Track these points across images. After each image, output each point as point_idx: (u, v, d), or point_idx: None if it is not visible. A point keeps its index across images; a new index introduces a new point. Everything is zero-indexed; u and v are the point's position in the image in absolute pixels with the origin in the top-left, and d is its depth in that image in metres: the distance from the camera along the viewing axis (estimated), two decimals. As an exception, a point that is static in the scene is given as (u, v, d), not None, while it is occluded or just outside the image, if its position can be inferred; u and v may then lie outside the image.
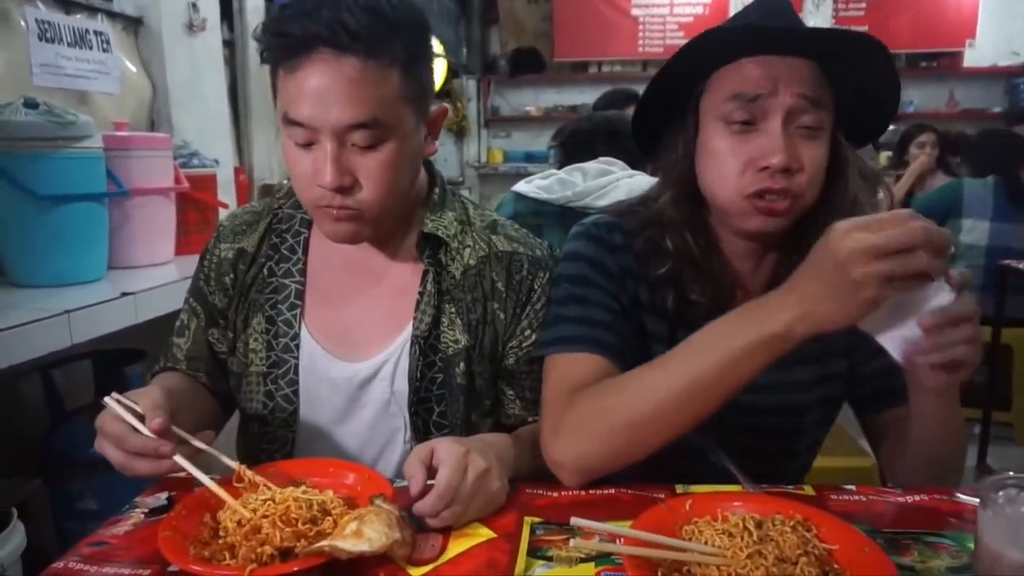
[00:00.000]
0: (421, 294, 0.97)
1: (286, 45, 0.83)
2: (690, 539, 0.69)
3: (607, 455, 0.82)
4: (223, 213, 2.61)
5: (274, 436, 0.99)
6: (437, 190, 1.01)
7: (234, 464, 0.79)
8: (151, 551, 0.72)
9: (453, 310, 0.98)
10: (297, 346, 0.99)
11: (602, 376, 0.87)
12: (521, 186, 1.58)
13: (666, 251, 0.90)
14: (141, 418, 0.77)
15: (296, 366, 0.98)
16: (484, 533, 0.74)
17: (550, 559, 0.70)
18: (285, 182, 3.30)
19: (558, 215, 1.47)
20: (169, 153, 2.11)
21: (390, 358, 0.97)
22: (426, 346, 0.96)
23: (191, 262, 2.11)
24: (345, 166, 0.85)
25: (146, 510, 0.82)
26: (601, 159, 1.56)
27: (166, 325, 1.89)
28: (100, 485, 1.82)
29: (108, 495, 1.83)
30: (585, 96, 6.32)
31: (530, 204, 1.49)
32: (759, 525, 0.69)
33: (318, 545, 0.66)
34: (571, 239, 0.98)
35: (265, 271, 1.01)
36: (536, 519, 0.78)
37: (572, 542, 0.68)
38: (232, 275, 1.02)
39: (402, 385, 0.97)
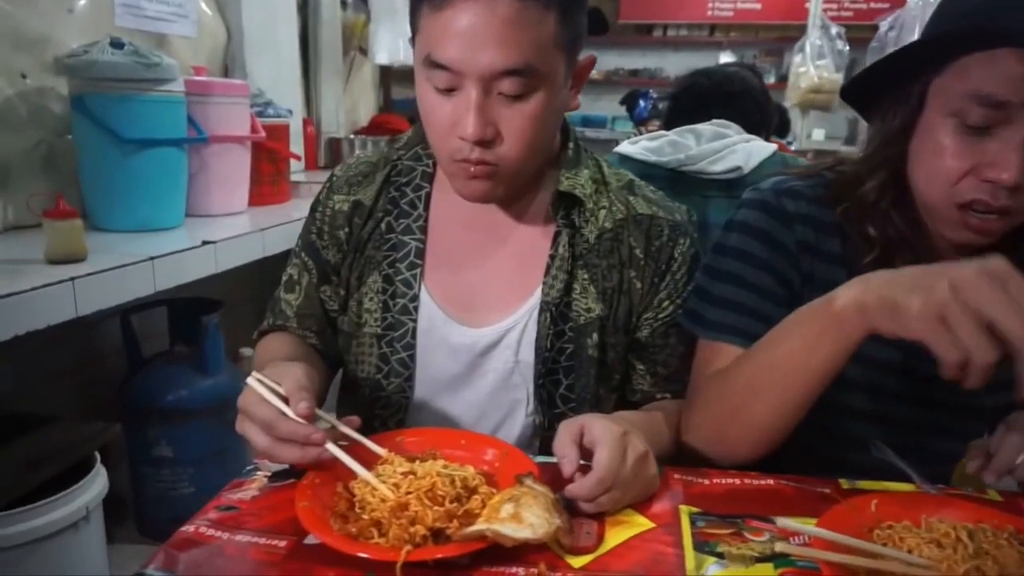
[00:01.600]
0: (552, 257, 0.90)
1: None
2: (885, 545, 0.61)
3: (719, 441, 0.81)
4: (292, 167, 2.58)
5: (388, 402, 0.94)
6: (571, 145, 0.93)
7: (382, 451, 0.74)
8: (283, 520, 0.68)
9: (586, 276, 0.91)
10: (416, 308, 0.92)
11: None
12: (625, 147, 1.49)
13: (870, 239, 0.82)
14: (283, 399, 0.71)
15: (414, 329, 0.92)
16: (641, 522, 0.68)
17: (721, 555, 0.63)
18: (352, 136, 3.24)
19: (668, 179, 1.38)
20: (247, 101, 2.06)
21: (516, 325, 0.91)
22: (556, 314, 0.89)
23: (264, 213, 2.12)
24: (489, 116, 0.78)
25: (268, 473, 0.77)
26: (715, 121, 1.46)
27: (241, 275, 1.88)
28: (175, 433, 1.83)
29: (183, 443, 1.84)
30: (647, 60, 6.13)
31: (636, 167, 1.40)
32: (971, 536, 0.61)
33: (477, 528, 0.60)
34: (746, 205, 0.89)
35: (383, 226, 0.94)
36: (693, 509, 0.71)
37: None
38: (347, 229, 0.95)
39: (528, 354, 0.90)
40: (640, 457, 0.69)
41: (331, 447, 0.69)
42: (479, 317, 0.92)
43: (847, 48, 3.81)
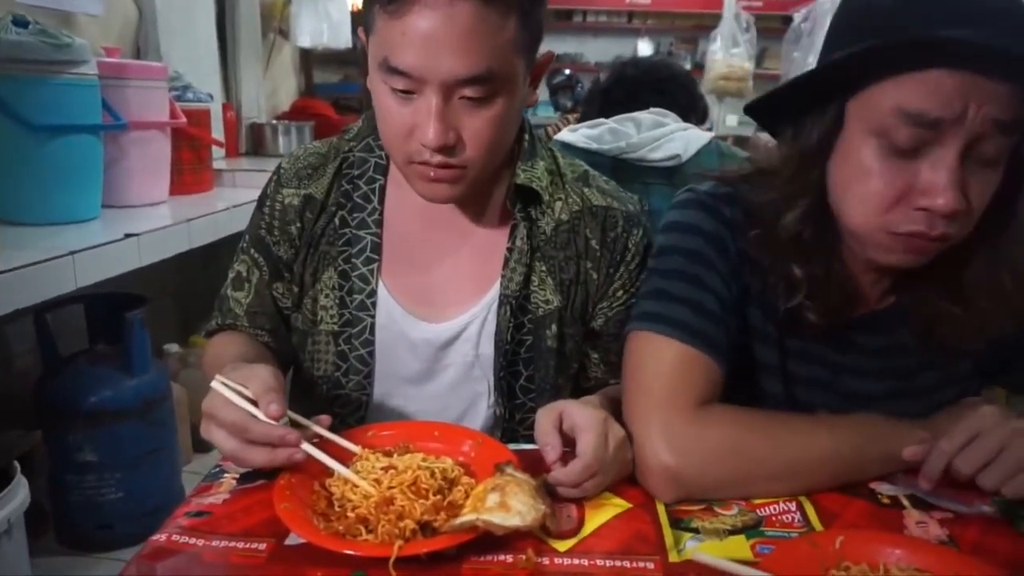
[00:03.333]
0: (510, 250, 0.90)
1: None
2: None
3: (726, 493, 0.72)
4: (213, 155, 2.47)
5: (347, 400, 0.92)
6: (527, 138, 0.93)
7: (356, 448, 0.73)
8: (260, 522, 0.66)
9: (544, 268, 0.91)
10: (374, 304, 0.91)
11: (713, 385, 0.76)
12: (566, 135, 1.51)
13: (793, 280, 0.76)
14: (251, 402, 0.69)
15: (372, 325, 0.91)
16: (619, 503, 0.70)
17: (696, 531, 0.67)
18: (275, 122, 3.12)
19: (610, 167, 1.40)
20: (164, 84, 1.96)
21: (475, 319, 0.91)
22: (516, 307, 0.90)
23: (187, 203, 2.03)
24: (450, 122, 0.76)
25: (236, 475, 0.75)
26: (653, 110, 1.50)
27: (163, 268, 1.80)
28: (100, 436, 1.73)
29: (108, 447, 1.74)
30: (567, 45, 6.18)
31: (578, 155, 1.40)
32: None
33: (467, 519, 0.60)
34: (683, 206, 0.86)
35: (337, 221, 0.92)
36: (665, 490, 0.74)
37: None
38: (299, 224, 0.93)
39: (488, 348, 0.91)
40: (620, 441, 0.71)
41: (307, 446, 0.68)
42: (438, 312, 0.92)
43: (756, 38, 3.98)
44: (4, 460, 1.40)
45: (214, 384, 0.70)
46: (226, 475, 0.75)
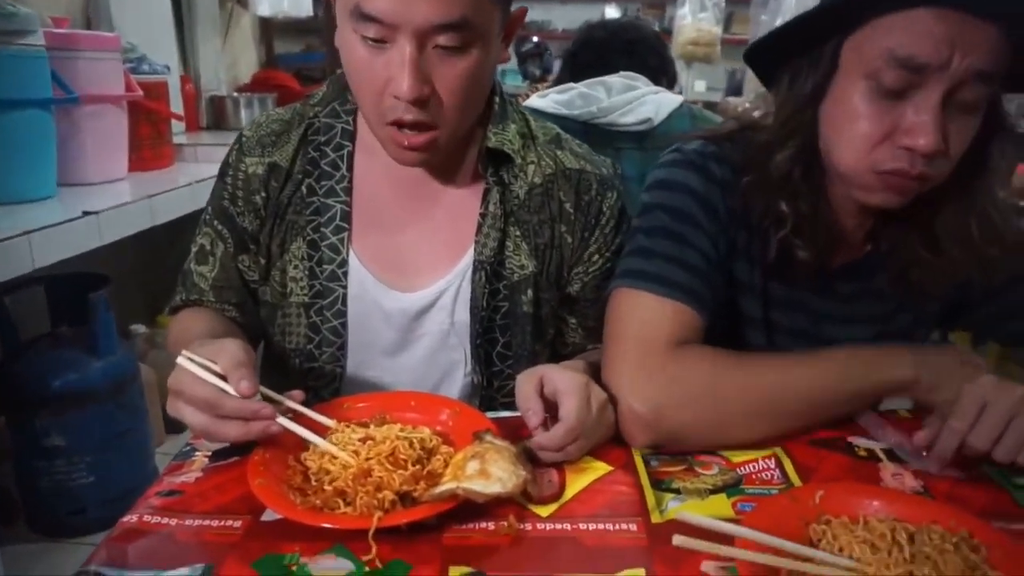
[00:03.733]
0: (483, 215, 0.88)
1: None
2: (819, 541, 0.59)
3: (702, 435, 0.73)
4: (173, 129, 2.39)
5: (320, 372, 0.90)
6: (497, 100, 0.91)
7: (330, 422, 0.71)
8: (234, 499, 0.65)
9: (518, 233, 0.90)
10: (345, 274, 0.88)
11: (692, 334, 0.78)
12: (535, 101, 1.48)
13: (781, 215, 0.79)
14: (220, 377, 0.67)
15: (344, 296, 0.88)
16: (599, 467, 0.70)
17: (677, 491, 0.67)
18: (236, 94, 3.04)
19: (581, 132, 1.38)
20: (118, 55, 1.88)
21: (450, 286, 0.89)
22: (491, 272, 0.88)
23: (147, 179, 1.97)
24: (425, 74, 0.73)
25: (208, 453, 0.73)
26: (623, 73, 1.48)
27: (125, 247, 1.74)
28: (67, 420, 1.69)
29: (77, 431, 1.71)
30: (535, 13, 6.08)
31: (549, 121, 1.39)
32: (912, 538, 0.57)
33: (447, 488, 0.60)
34: (671, 165, 0.87)
35: (304, 189, 0.89)
36: (644, 449, 0.74)
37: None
38: (263, 193, 0.89)
39: (463, 315, 0.89)
40: (602, 404, 0.70)
41: (282, 420, 0.67)
42: (411, 280, 0.90)
43: (724, 2, 3.96)
44: (-34, 448, 1.36)
45: (180, 360, 0.68)
46: (198, 453, 0.73)
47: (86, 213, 1.55)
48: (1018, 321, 0.91)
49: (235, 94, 2.86)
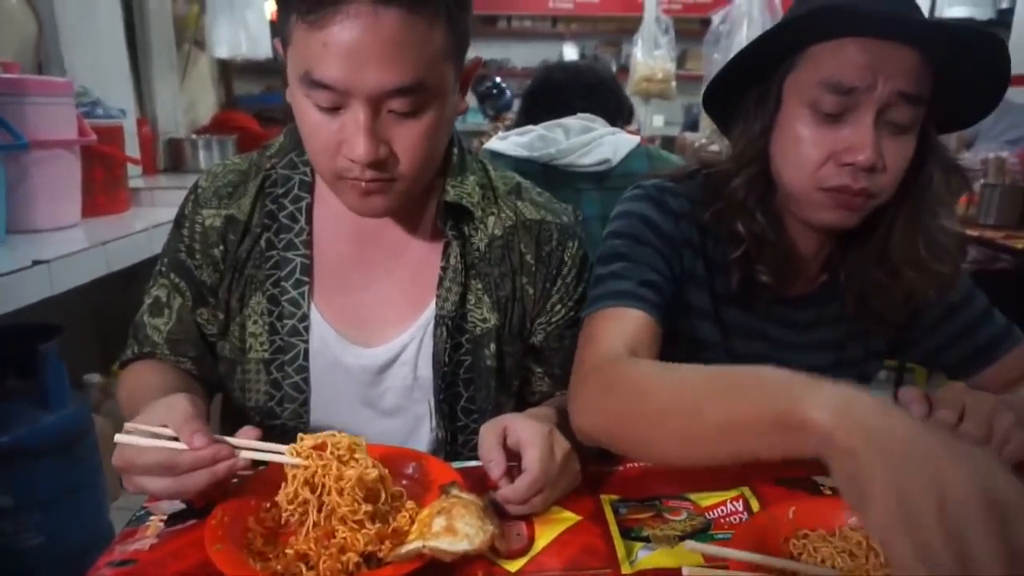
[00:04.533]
0: (444, 269, 0.88)
1: None
2: (800, 555, 0.62)
3: (614, 441, 0.71)
4: (130, 172, 2.36)
5: (282, 429, 0.88)
6: (455, 151, 0.91)
7: (284, 449, 0.68)
8: (191, 566, 0.62)
9: (480, 286, 0.89)
10: (307, 328, 0.86)
11: (646, 334, 0.79)
12: (496, 144, 1.50)
13: (738, 235, 0.85)
14: (171, 439, 0.65)
15: (306, 351, 0.87)
16: (568, 517, 0.69)
17: (647, 539, 0.66)
18: (195, 136, 3.01)
19: (541, 174, 1.40)
20: (71, 100, 1.85)
21: (411, 340, 0.88)
22: (452, 327, 0.87)
23: (101, 224, 1.92)
24: (380, 136, 0.72)
25: (163, 517, 0.70)
26: (581, 115, 1.50)
27: (78, 295, 1.69)
28: (15, 477, 1.61)
29: (25, 488, 1.63)
30: (493, 51, 6.19)
31: (509, 163, 1.41)
32: None
33: (412, 547, 0.58)
34: (628, 200, 0.91)
35: (263, 243, 0.87)
36: (613, 496, 0.74)
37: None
38: (222, 247, 0.87)
39: (426, 370, 0.88)
40: (566, 454, 0.70)
41: (248, 454, 0.65)
42: (373, 335, 0.88)
43: (676, 40, 4.08)
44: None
45: (119, 438, 0.66)
46: (152, 517, 0.70)
47: (36, 262, 1.50)
48: (956, 350, 0.95)
49: (194, 136, 2.83)
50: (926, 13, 0.87)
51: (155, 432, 0.65)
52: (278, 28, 0.75)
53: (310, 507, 0.64)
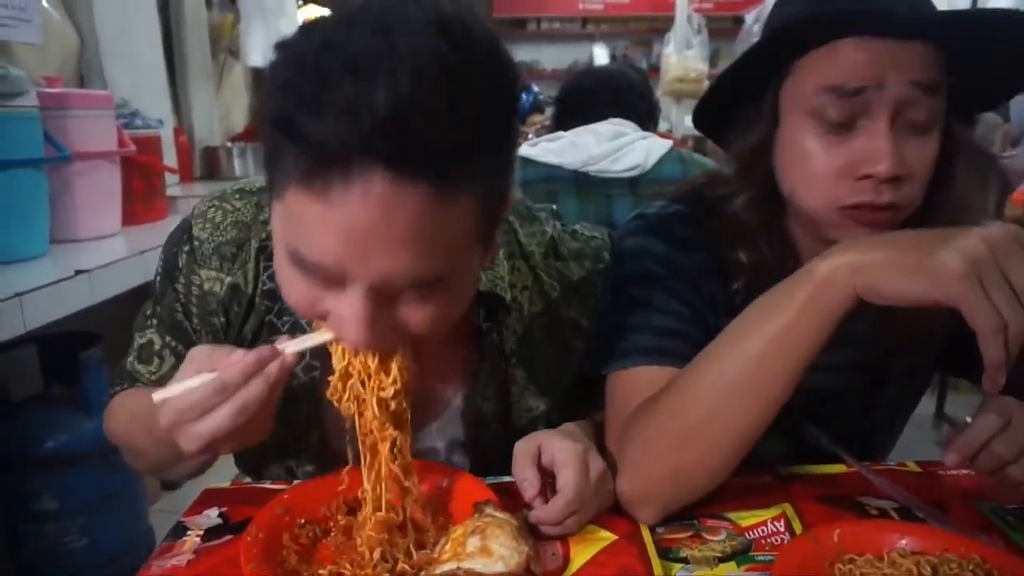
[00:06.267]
0: (479, 363, 0.79)
1: (313, 154, 0.50)
2: None
3: (670, 479, 0.69)
4: (167, 181, 2.40)
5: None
6: None
7: (327, 336, 0.60)
8: (227, 583, 0.63)
9: (523, 375, 0.81)
10: (319, 421, 0.80)
11: None
12: (526, 149, 1.49)
13: (739, 264, 0.78)
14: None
15: (322, 437, 0.80)
16: (604, 536, 0.68)
17: (685, 560, 0.65)
18: (230, 144, 3.05)
19: (573, 180, 1.39)
20: (111, 112, 1.89)
21: (442, 429, 0.82)
22: (497, 427, 0.81)
23: (140, 233, 1.96)
24: (384, 323, 0.57)
25: (200, 532, 0.71)
26: (612, 120, 1.49)
27: (118, 304, 1.73)
28: (59, 482, 1.66)
29: (69, 493, 1.67)
30: (523, 53, 6.19)
31: (540, 170, 1.40)
32: (935, 570, 0.58)
33: (447, 568, 0.58)
34: (633, 233, 0.84)
35: (266, 325, 0.78)
36: (650, 516, 0.72)
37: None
38: (223, 318, 0.78)
39: (459, 456, 0.83)
40: (601, 473, 0.69)
41: (288, 348, 0.59)
42: None
43: (708, 39, 4.03)
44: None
45: (157, 395, 0.59)
46: (189, 532, 0.71)
47: (78, 272, 1.54)
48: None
49: (228, 144, 2.88)
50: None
51: (189, 387, 0.58)
52: (265, 159, 0.57)
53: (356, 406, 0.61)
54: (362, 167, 0.49)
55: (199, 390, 0.57)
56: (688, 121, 4.97)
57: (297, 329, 0.77)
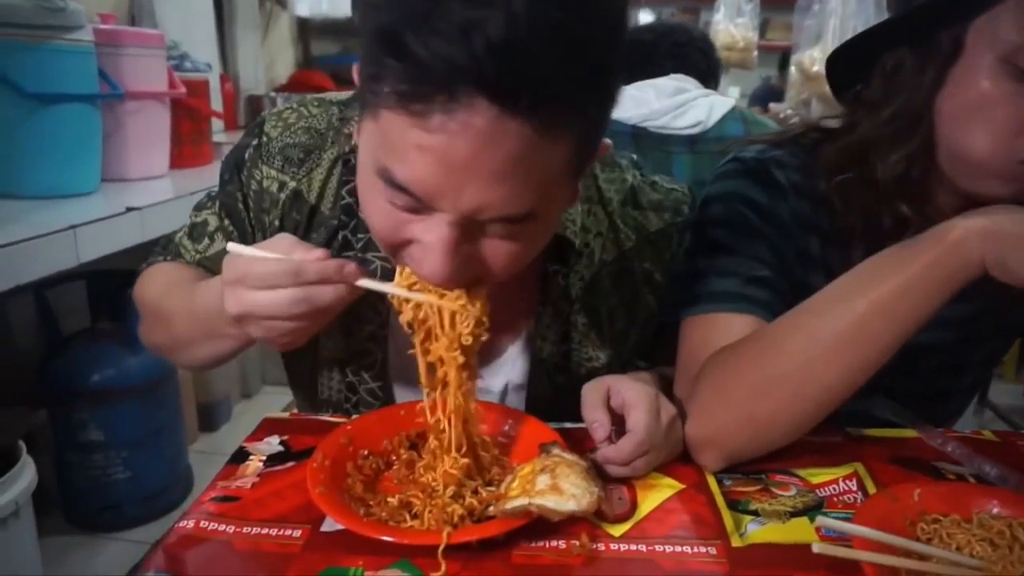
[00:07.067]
0: (543, 305, 0.77)
1: (416, 75, 0.48)
2: (930, 540, 0.57)
3: (744, 426, 0.67)
4: (212, 127, 2.40)
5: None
6: None
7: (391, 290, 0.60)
8: (293, 507, 0.62)
9: (585, 321, 0.79)
10: (385, 337, 0.78)
11: None
12: (584, 102, 1.45)
13: (877, 226, 0.73)
14: None
15: (384, 360, 0.79)
16: (671, 484, 0.67)
17: (756, 513, 0.63)
18: (274, 94, 3.01)
19: (632, 135, 1.36)
20: (163, 53, 1.89)
21: (498, 371, 0.81)
22: (553, 369, 0.79)
23: (187, 176, 1.97)
24: (465, 255, 0.56)
25: (263, 458, 0.71)
26: (673, 76, 1.44)
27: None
28: (105, 415, 1.70)
29: (114, 426, 1.71)
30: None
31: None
32: None
33: (519, 504, 0.57)
34: (727, 176, 0.81)
35: (339, 239, 0.77)
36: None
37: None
38: (278, 222, 0.77)
39: (517, 399, 0.81)
40: (672, 418, 0.67)
41: (365, 282, 0.60)
42: None
43: (758, 7, 3.90)
44: (10, 439, 1.36)
45: (232, 247, 0.59)
46: (252, 457, 0.71)
47: (129, 209, 1.55)
48: None
49: (272, 94, 2.87)
50: None
51: (264, 256, 0.58)
52: (361, 72, 0.55)
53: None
54: (468, 95, 0.47)
55: (273, 263, 0.57)
56: (732, 91, 4.85)
57: (370, 248, 0.76)
